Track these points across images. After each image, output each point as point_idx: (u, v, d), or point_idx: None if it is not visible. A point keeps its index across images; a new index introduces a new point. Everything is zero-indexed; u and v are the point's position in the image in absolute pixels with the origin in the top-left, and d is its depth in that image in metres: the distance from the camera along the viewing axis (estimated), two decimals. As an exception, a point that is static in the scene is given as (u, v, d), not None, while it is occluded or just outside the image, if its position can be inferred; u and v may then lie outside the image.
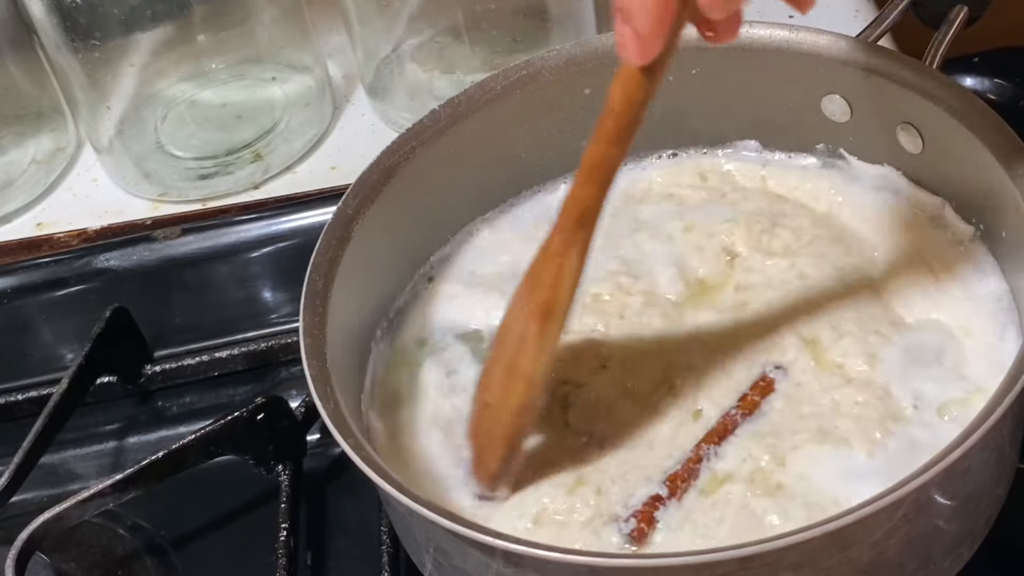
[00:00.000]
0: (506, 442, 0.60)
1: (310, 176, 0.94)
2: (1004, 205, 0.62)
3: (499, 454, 0.60)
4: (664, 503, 0.59)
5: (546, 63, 0.71)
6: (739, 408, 0.62)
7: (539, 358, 0.58)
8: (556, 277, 0.56)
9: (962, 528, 0.58)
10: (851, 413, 0.61)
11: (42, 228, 0.94)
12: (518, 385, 0.58)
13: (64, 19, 0.88)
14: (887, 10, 0.71)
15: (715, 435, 0.61)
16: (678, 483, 0.60)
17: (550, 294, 0.57)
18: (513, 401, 0.59)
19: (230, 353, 0.81)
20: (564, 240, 0.56)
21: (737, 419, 0.62)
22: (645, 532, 0.58)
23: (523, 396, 0.58)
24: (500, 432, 0.59)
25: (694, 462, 0.60)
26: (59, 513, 0.66)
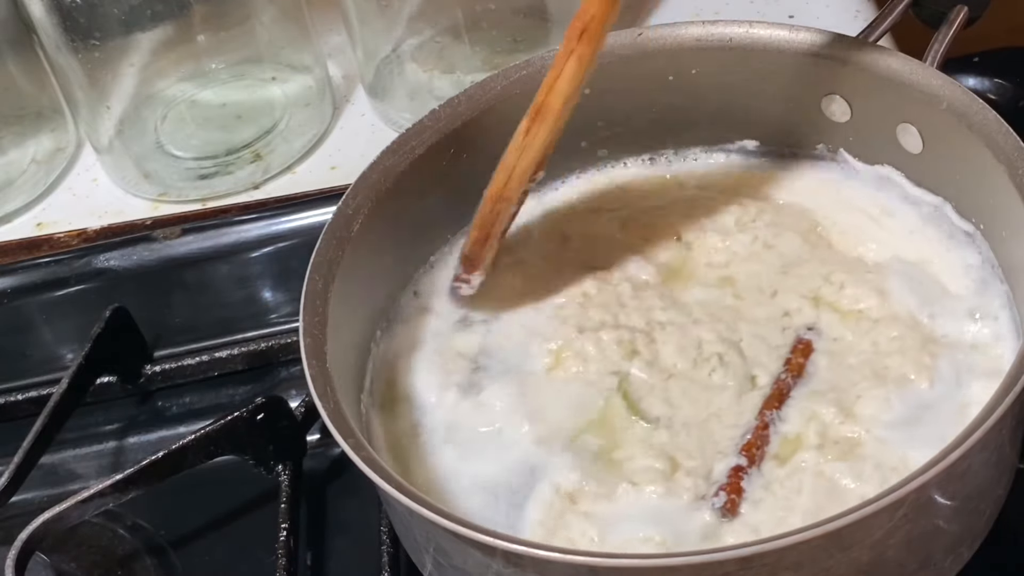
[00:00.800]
0: (479, 224, 0.66)
1: (310, 176, 0.94)
2: (1004, 205, 0.62)
3: (473, 236, 0.67)
4: (747, 472, 0.60)
5: (546, 63, 0.71)
6: (788, 372, 0.64)
7: (522, 153, 0.64)
8: (551, 82, 0.62)
9: (962, 528, 0.59)
10: (893, 349, 0.63)
11: (42, 228, 0.94)
12: (499, 175, 0.65)
13: (64, 19, 0.88)
14: (887, 10, 0.71)
15: (774, 400, 0.63)
16: (753, 451, 0.61)
17: (542, 97, 0.62)
18: (492, 190, 0.65)
19: (230, 353, 0.81)
20: (565, 49, 0.61)
21: (789, 382, 0.63)
22: (736, 503, 0.59)
23: (499, 185, 0.65)
24: (477, 217, 0.66)
25: (762, 428, 0.61)
26: (59, 513, 0.66)
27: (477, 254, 0.68)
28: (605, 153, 0.75)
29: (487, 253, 0.68)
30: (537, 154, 0.64)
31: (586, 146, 0.74)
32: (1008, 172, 0.61)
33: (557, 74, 0.62)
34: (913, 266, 0.67)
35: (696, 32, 0.70)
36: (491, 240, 0.67)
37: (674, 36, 0.71)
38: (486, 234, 0.67)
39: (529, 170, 0.64)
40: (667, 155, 0.75)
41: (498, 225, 0.67)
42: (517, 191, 0.65)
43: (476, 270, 0.68)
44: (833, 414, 0.61)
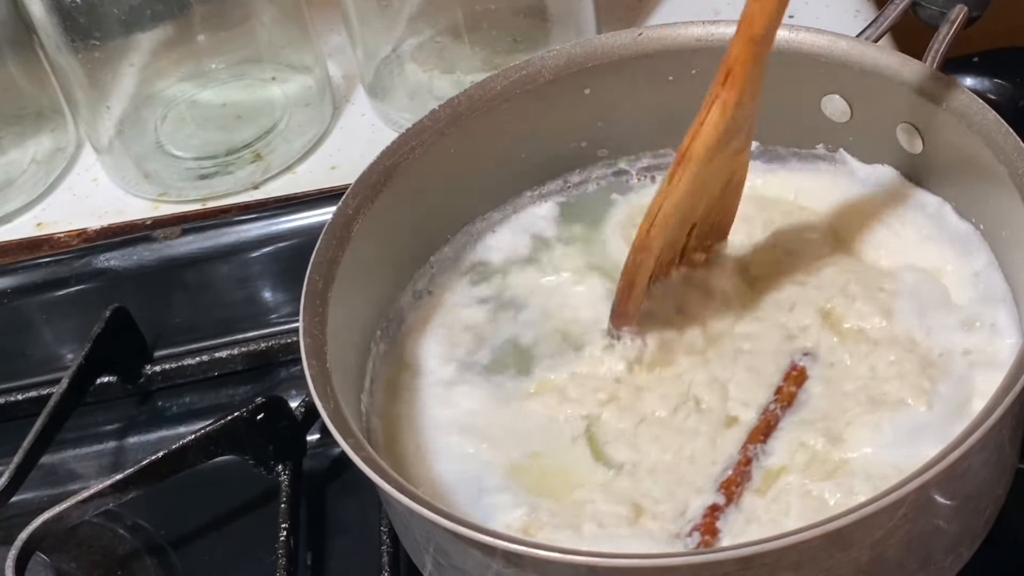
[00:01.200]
0: (626, 277, 0.63)
1: (310, 176, 0.94)
2: (1004, 205, 0.62)
3: (619, 285, 0.64)
4: (723, 510, 0.59)
5: (546, 63, 0.71)
6: (777, 402, 0.62)
7: (665, 200, 0.61)
8: (696, 128, 0.60)
9: (962, 528, 0.59)
10: (891, 374, 0.62)
11: (42, 228, 0.94)
12: (643, 223, 0.62)
13: (64, 19, 0.88)
14: (887, 10, 0.71)
15: (759, 433, 0.61)
16: (732, 488, 0.59)
17: (687, 143, 0.60)
18: (636, 238, 0.63)
19: (230, 353, 0.81)
20: (710, 94, 0.60)
21: (778, 413, 0.62)
22: (710, 544, 0.58)
23: (641, 233, 0.62)
24: (624, 270, 0.64)
25: (744, 464, 0.60)
26: (59, 513, 0.66)
27: (622, 306, 0.65)
28: (605, 153, 0.75)
29: (632, 305, 0.64)
30: (679, 201, 0.61)
31: (586, 146, 0.74)
32: (1008, 172, 0.61)
33: (702, 120, 0.60)
34: (923, 274, 0.66)
35: (696, 32, 0.70)
36: (635, 291, 0.64)
37: (674, 36, 0.71)
38: (629, 284, 0.64)
39: (671, 217, 0.62)
40: (667, 155, 0.75)
41: (641, 275, 0.63)
42: (658, 240, 0.62)
43: (624, 324, 0.65)
44: (823, 444, 0.60)
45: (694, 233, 0.66)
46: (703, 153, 0.60)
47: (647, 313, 0.65)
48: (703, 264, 0.68)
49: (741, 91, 0.59)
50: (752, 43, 0.58)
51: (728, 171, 0.64)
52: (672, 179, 0.61)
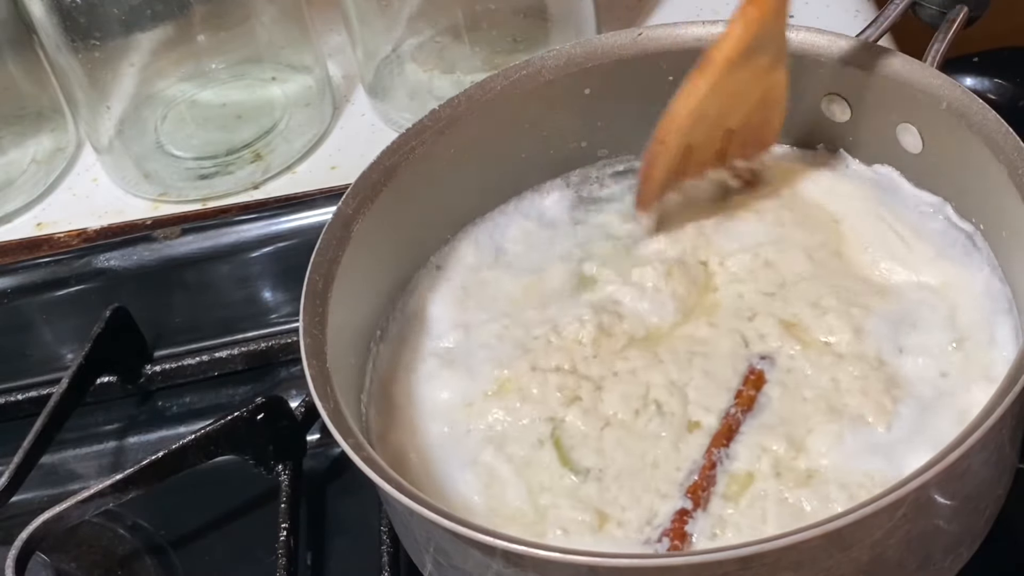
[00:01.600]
0: (644, 166, 0.68)
1: (310, 176, 0.94)
2: (1004, 205, 0.62)
3: (641, 171, 0.68)
4: (691, 515, 0.59)
5: (546, 63, 0.71)
6: (737, 406, 0.62)
7: (680, 99, 0.65)
8: (720, 38, 0.64)
9: (962, 528, 0.58)
10: (855, 388, 0.61)
11: (42, 228, 0.94)
12: (663, 118, 0.66)
13: (64, 19, 0.88)
14: (887, 10, 0.71)
15: (721, 437, 0.61)
16: (699, 493, 0.59)
17: (711, 51, 0.64)
18: (656, 132, 0.67)
19: (230, 353, 0.81)
20: (736, 11, 0.64)
21: (739, 417, 0.62)
22: (680, 548, 0.58)
23: (661, 127, 0.66)
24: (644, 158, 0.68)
25: (708, 469, 0.60)
26: (59, 513, 0.66)
27: (643, 192, 0.69)
28: (605, 153, 0.75)
29: (647, 192, 0.69)
30: (697, 104, 0.65)
31: (586, 146, 0.74)
32: (1008, 172, 0.61)
33: (726, 33, 0.64)
34: (933, 293, 0.65)
35: (696, 32, 0.70)
36: (651, 181, 0.68)
37: (674, 36, 0.71)
38: (647, 172, 0.68)
39: (687, 118, 0.65)
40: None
41: (657, 168, 0.67)
42: (673, 136, 0.66)
43: (642, 208, 0.70)
44: (784, 448, 0.60)
45: (733, 140, 0.69)
46: (722, 62, 0.64)
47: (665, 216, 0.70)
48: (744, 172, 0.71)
49: (766, 9, 0.63)
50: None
51: (761, 86, 0.67)
52: (692, 80, 0.65)
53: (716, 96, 0.65)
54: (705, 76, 0.65)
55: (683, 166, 0.69)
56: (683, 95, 0.65)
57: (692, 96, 0.65)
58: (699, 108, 0.65)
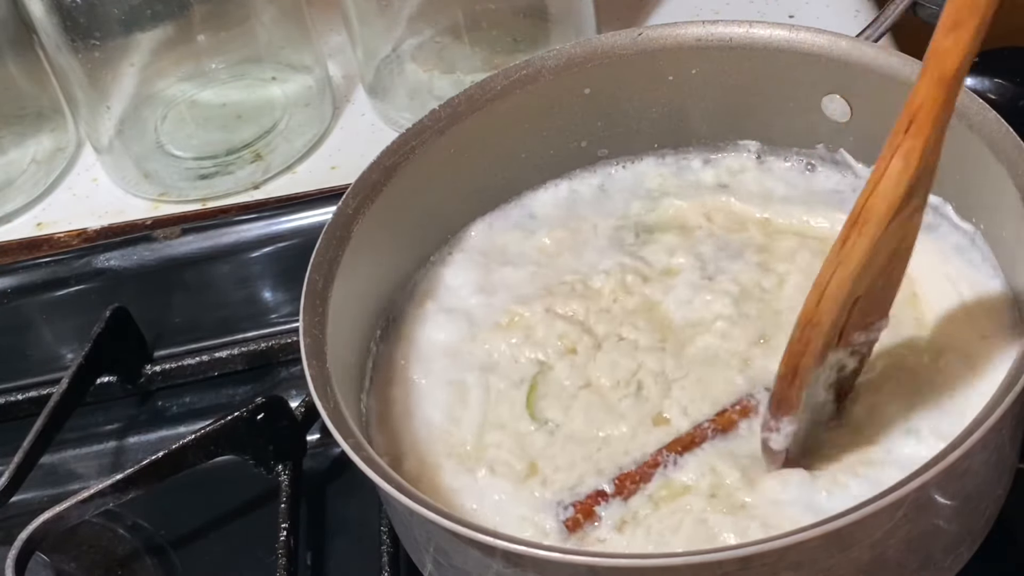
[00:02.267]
0: (787, 356, 0.56)
1: (310, 176, 0.94)
2: (1004, 205, 0.62)
3: (780, 371, 0.56)
4: (607, 500, 0.60)
5: (546, 63, 0.71)
6: (713, 423, 0.62)
7: (837, 268, 0.54)
8: (873, 184, 0.53)
9: (962, 528, 0.58)
10: (829, 454, 0.60)
11: (42, 228, 0.94)
12: (810, 296, 0.55)
13: (64, 19, 0.88)
14: (887, 10, 0.71)
15: (679, 444, 0.61)
16: (627, 483, 0.60)
17: (863, 201, 0.53)
18: (802, 313, 0.55)
19: (230, 353, 0.81)
20: (890, 145, 0.52)
21: (708, 433, 0.61)
22: (580, 523, 0.59)
23: (810, 307, 0.55)
24: (786, 350, 0.56)
25: (650, 466, 0.60)
26: (59, 513, 0.66)
27: (785, 394, 0.57)
28: (605, 152, 0.75)
29: (795, 392, 0.57)
30: (854, 270, 0.53)
31: (586, 146, 0.74)
32: (1008, 172, 0.61)
33: (880, 175, 0.52)
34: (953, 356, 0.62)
35: (696, 32, 0.70)
36: (800, 376, 0.56)
37: (674, 36, 0.71)
38: (794, 368, 0.56)
39: (845, 288, 0.54)
40: (668, 155, 0.75)
41: (808, 357, 0.56)
42: (830, 314, 0.54)
43: (786, 414, 0.57)
44: (736, 479, 0.59)
45: (856, 308, 0.57)
46: (885, 212, 0.52)
47: None
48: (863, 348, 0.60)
49: (928, 139, 0.52)
50: (943, 84, 0.50)
51: (899, 236, 0.55)
52: (845, 243, 0.53)
53: (871, 258, 0.54)
54: (865, 233, 0.53)
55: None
56: (837, 262, 0.54)
57: (851, 262, 0.53)
58: (857, 275, 0.53)
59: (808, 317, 0.55)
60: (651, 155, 0.75)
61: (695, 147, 0.75)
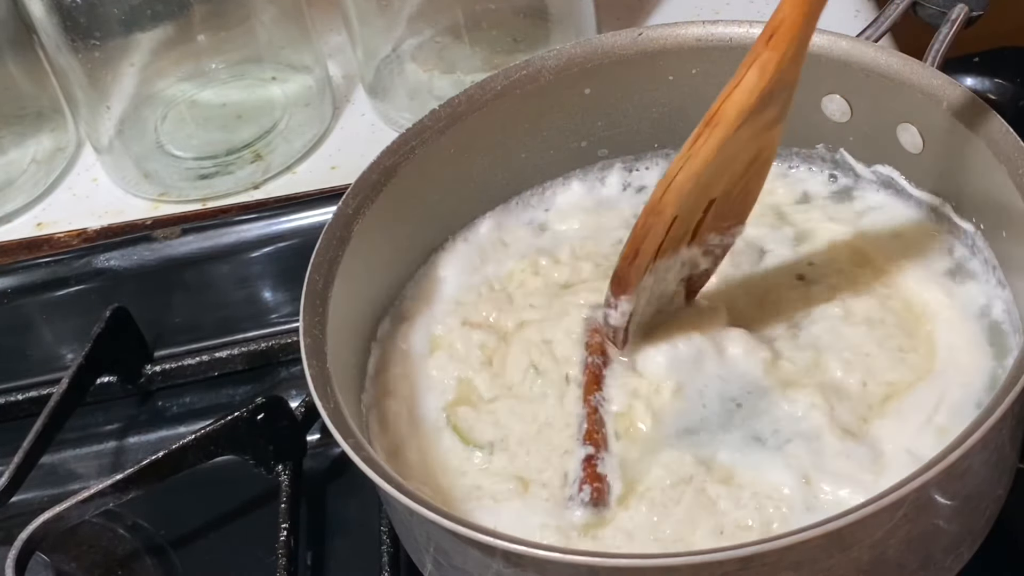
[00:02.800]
0: (630, 239, 0.59)
1: (310, 176, 0.94)
2: (1004, 205, 0.62)
3: (623, 252, 0.60)
4: (598, 458, 0.61)
5: (546, 63, 0.71)
6: (590, 353, 0.64)
7: (685, 163, 0.56)
8: (728, 91, 0.56)
9: (962, 528, 0.59)
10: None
11: (42, 228, 0.94)
12: (658, 186, 0.58)
13: (64, 19, 0.88)
14: (887, 10, 0.71)
15: (591, 385, 0.63)
16: (595, 436, 0.62)
17: (717, 105, 0.56)
18: (648, 203, 0.58)
19: (230, 353, 0.81)
20: (750, 54, 0.55)
21: (597, 362, 0.64)
22: (602, 490, 0.60)
23: (656, 196, 0.58)
24: (632, 234, 0.59)
25: (593, 413, 0.62)
26: (59, 513, 0.66)
27: (624, 273, 0.60)
28: (605, 152, 0.75)
29: (635, 274, 0.60)
30: (701, 166, 0.56)
31: (586, 146, 0.74)
32: (1008, 172, 0.61)
33: (737, 82, 0.55)
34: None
35: (696, 32, 0.70)
36: (640, 259, 0.59)
37: (674, 36, 0.71)
38: (635, 251, 0.59)
39: (690, 181, 0.57)
40: (668, 155, 0.75)
41: (648, 242, 0.59)
42: (671, 206, 0.57)
43: (623, 293, 0.61)
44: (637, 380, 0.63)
45: (711, 211, 0.61)
46: (734, 117, 0.55)
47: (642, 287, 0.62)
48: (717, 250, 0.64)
49: (784, 53, 0.54)
50: (803, 3, 0.54)
51: (756, 146, 0.59)
52: (696, 142, 0.56)
53: (719, 160, 0.57)
54: (715, 134, 0.56)
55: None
56: (687, 156, 0.57)
57: (699, 158, 0.56)
58: (703, 171, 0.57)
59: (652, 205, 0.58)
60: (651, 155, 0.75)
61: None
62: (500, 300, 0.69)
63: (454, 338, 0.68)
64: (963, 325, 0.64)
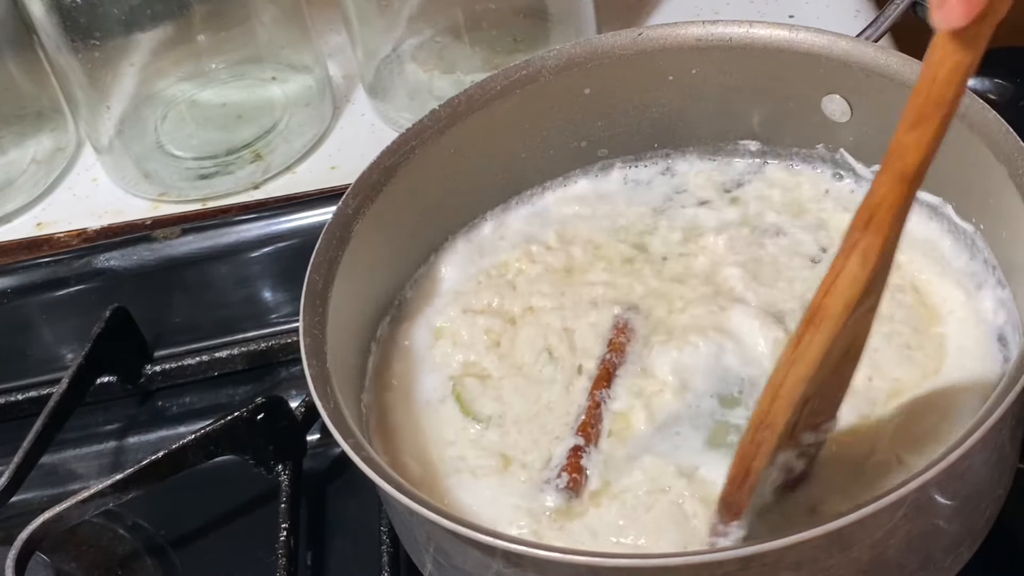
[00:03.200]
0: (738, 458, 0.54)
1: (310, 176, 0.94)
2: (1004, 205, 0.62)
3: (731, 474, 0.54)
4: (584, 451, 0.62)
5: (546, 63, 0.71)
6: (611, 351, 0.66)
7: (791, 368, 0.51)
8: (829, 281, 0.50)
9: (962, 528, 0.58)
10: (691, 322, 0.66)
11: (42, 228, 0.94)
12: (764, 396, 0.53)
13: (64, 19, 0.88)
14: (887, 10, 0.71)
15: (601, 381, 0.65)
16: (588, 430, 0.63)
17: (819, 299, 0.51)
18: (755, 413, 0.53)
19: (230, 353, 0.81)
20: (847, 242, 0.50)
21: (614, 361, 0.65)
22: (579, 481, 0.61)
23: (763, 407, 0.52)
24: (737, 452, 0.54)
25: (594, 408, 0.64)
26: (59, 513, 0.66)
27: (734, 497, 0.55)
28: (605, 152, 0.75)
29: (745, 495, 0.54)
30: (810, 369, 0.51)
31: (586, 146, 0.74)
32: (1008, 172, 0.61)
33: (837, 273, 0.50)
34: None
35: (696, 32, 0.70)
36: (751, 478, 0.54)
37: (674, 36, 0.71)
38: (745, 470, 0.54)
39: (799, 388, 0.51)
40: (669, 155, 0.75)
41: (759, 459, 0.53)
42: (784, 414, 0.52)
43: (735, 519, 0.55)
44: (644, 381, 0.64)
45: (807, 408, 0.54)
46: (841, 312, 0.50)
47: None
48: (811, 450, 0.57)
49: (888, 237, 0.50)
50: (904, 180, 0.49)
51: (853, 333, 0.53)
52: (800, 342, 0.51)
53: (826, 357, 0.51)
54: (821, 333, 0.50)
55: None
56: (792, 360, 0.51)
57: (806, 361, 0.51)
58: (813, 376, 0.51)
59: (762, 418, 0.52)
60: (651, 155, 0.75)
61: (695, 147, 0.75)
62: (500, 287, 0.70)
63: (458, 326, 0.68)
64: (977, 328, 0.64)
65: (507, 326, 0.68)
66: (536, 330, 0.68)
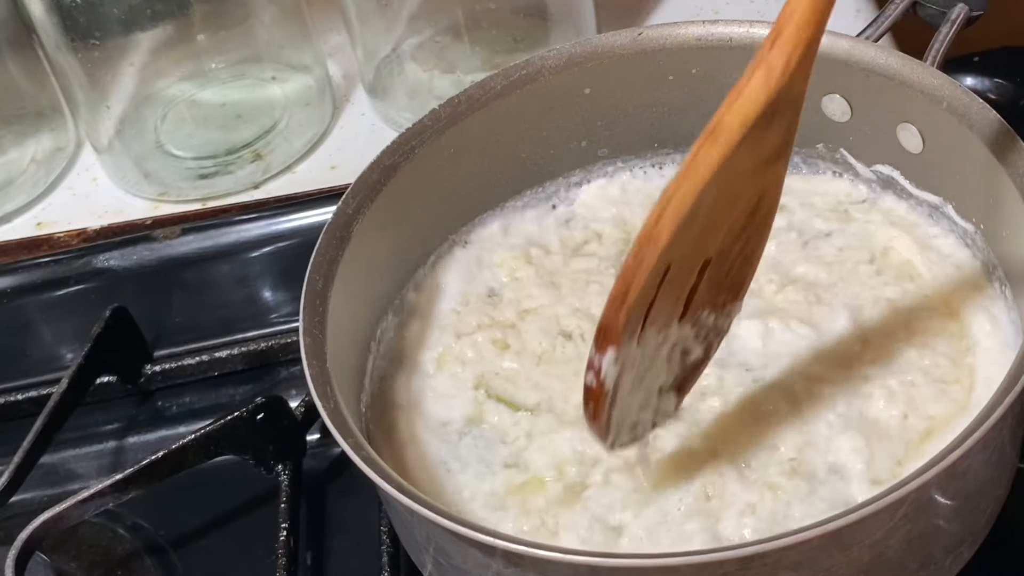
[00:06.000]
0: (620, 277, 0.50)
1: (310, 176, 0.94)
2: (1004, 205, 0.62)
3: (611, 294, 0.50)
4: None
5: (546, 63, 0.71)
6: None
7: (683, 182, 0.48)
8: (732, 100, 0.49)
9: (962, 528, 0.59)
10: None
11: (42, 228, 0.94)
12: (653, 210, 0.49)
13: (64, 19, 0.88)
14: (887, 10, 0.71)
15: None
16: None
17: (717, 115, 0.49)
18: (641, 230, 0.50)
19: (230, 353, 0.81)
20: (755, 60, 0.48)
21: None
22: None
23: (651, 221, 0.49)
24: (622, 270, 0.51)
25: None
26: (59, 513, 0.66)
27: (611, 319, 0.51)
28: (605, 152, 0.75)
29: (623, 316, 0.50)
30: (700, 183, 0.48)
31: (586, 146, 0.75)
32: (1008, 172, 0.61)
33: (740, 90, 0.49)
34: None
35: (696, 32, 0.70)
36: (631, 298, 0.50)
37: (674, 36, 0.71)
38: (625, 288, 0.50)
39: (688, 202, 0.48)
40: (669, 154, 0.75)
41: (641, 276, 0.50)
42: (667, 232, 0.49)
43: (610, 343, 0.51)
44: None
45: (706, 276, 0.52)
46: (738, 127, 0.48)
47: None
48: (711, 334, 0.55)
49: (792, 53, 0.48)
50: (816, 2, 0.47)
51: (757, 188, 0.51)
52: (695, 157, 0.48)
53: (717, 184, 0.49)
54: (717, 147, 0.48)
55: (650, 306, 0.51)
56: (685, 175, 0.49)
57: (698, 175, 0.48)
58: (704, 192, 0.49)
59: (646, 232, 0.49)
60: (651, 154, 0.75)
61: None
62: (484, 305, 0.70)
63: (463, 347, 0.68)
64: (1003, 355, 0.63)
65: (508, 330, 0.68)
66: (544, 322, 0.68)
